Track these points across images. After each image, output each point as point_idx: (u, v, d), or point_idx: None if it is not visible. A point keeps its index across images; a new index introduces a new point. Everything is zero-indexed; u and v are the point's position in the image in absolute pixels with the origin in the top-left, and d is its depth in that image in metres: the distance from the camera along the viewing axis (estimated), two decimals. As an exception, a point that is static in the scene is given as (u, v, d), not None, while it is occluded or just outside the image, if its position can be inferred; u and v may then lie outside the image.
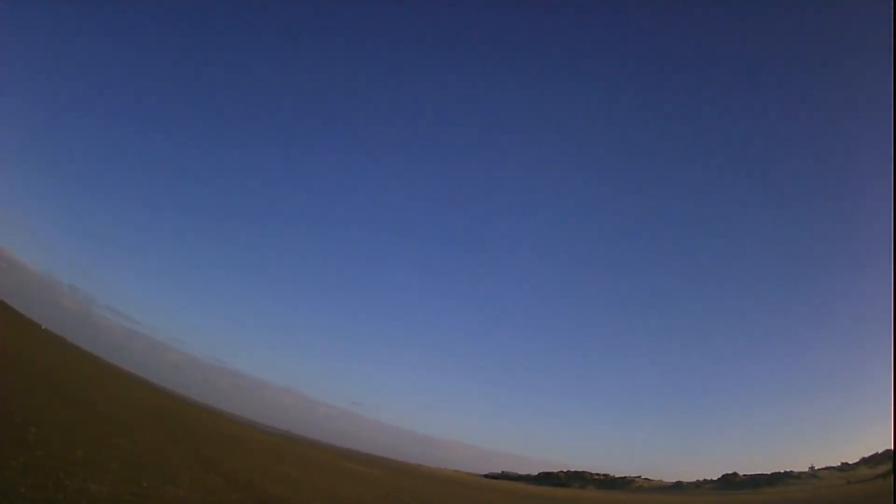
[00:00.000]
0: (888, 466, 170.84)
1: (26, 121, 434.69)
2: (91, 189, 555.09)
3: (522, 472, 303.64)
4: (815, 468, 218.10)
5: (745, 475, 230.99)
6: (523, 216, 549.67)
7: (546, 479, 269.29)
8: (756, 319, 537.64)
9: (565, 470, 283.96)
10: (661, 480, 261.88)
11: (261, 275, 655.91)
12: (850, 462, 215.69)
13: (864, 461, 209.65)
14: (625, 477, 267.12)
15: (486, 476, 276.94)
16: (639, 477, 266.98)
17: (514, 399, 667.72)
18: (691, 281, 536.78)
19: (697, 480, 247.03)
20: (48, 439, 18.69)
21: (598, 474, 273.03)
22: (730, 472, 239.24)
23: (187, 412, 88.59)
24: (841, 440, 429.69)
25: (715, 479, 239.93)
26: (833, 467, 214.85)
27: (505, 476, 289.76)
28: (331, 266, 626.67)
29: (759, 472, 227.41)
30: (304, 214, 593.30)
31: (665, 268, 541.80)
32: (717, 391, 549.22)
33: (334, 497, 29.99)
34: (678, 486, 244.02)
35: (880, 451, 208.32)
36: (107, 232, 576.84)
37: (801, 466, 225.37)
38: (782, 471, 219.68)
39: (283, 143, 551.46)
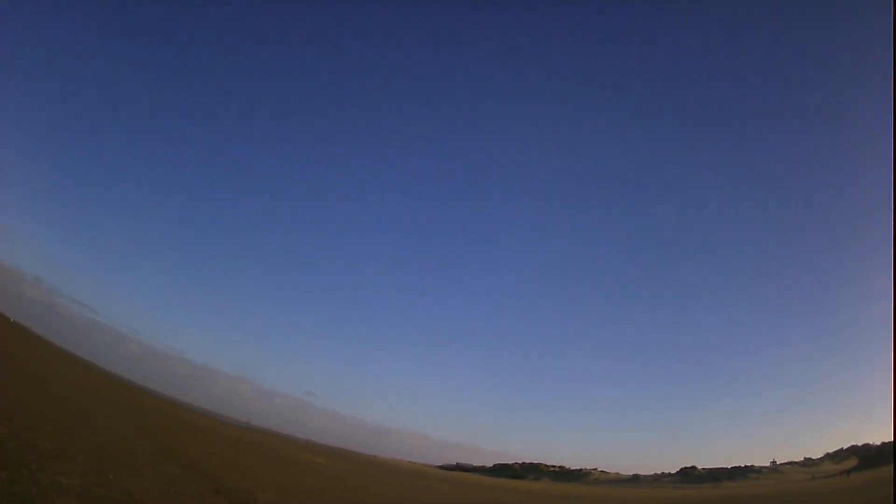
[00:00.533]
0: (854, 462, 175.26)
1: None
2: (57, 180, 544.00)
3: (477, 463, 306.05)
4: (778, 463, 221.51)
5: (704, 469, 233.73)
6: (477, 202, 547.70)
7: (501, 470, 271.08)
8: (716, 313, 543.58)
9: (521, 462, 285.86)
10: (617, 473, 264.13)
11: (217, 264, 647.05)
12: (814, 457, 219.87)
13: (829, 456, 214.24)
14: (581, 469, 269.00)
15: (441, 467, 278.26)
16: (595, 469, 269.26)
17: (470, 390, 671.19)
18: (659, 273, 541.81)
19: (655, 473, 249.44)
20: (19, 432, 19.66)
21: (553, 466, 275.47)
22: (688, 465, 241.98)
23: (147, 402, 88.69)
24: (802, 435, 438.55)
25: (673, 472, 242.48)
26: (796, 462, 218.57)
27: (459, 467, 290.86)
28: (285, 254, 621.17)
29: (719, 466, 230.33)
30: (263, 202, 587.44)
31: (634, 256, 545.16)
32: (675, 384, 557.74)
33: (289, 487, 31.09)
34: (635, 479, 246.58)
35: (845, 447, 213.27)
36: (67, 221, 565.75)
37: (763, 461, 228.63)
38: (743, 465, 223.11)
39: (251, 122, 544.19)
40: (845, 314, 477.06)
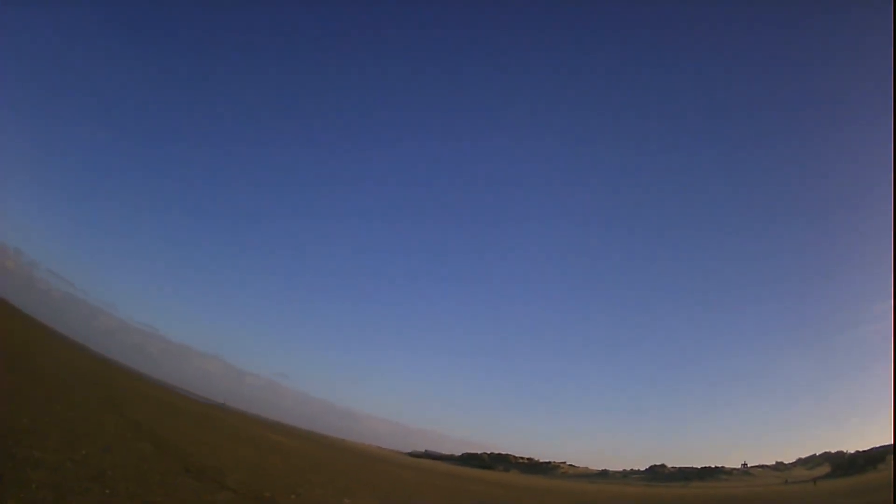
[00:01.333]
0: (826, 469, 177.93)
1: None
2: (40, 156, 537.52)
3: (446, 451, 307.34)
4: (749, 465, 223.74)
5: (673, 467, 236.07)
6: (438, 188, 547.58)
7: (469, 460, 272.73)
8: (694, 314, 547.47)
9: (489, 452, 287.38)
10: (586, 468, 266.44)
11: (195, 241, 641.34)
12: (786, 462, 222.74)
13: (801, 462, 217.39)
14: (549, 462, 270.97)
15: (409, 454, 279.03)
16: (563, 463, 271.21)
17: (441, 377, 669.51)
18: (641, 269, 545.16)
19: (624, 470, 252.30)
20: (-5, 405, 20.32)
21: (522, 458, 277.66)
22: (658, 463, 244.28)
23: (119, 378, 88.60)
24: (775, 440, 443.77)
25: (642, 469, 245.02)
26: (767, 466, 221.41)
27: (428, 455, 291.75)
28: (266, 236, 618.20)
29: (689, 466, 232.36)
30: (247, 187, 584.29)
31: (620, 252, 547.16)
32: (646, 381, 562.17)
33: (258, 467, 31.68)
34: (604, 474, 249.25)
35: (818, 454, 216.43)
36: (47, 193, 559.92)
37: (734, 463, 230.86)
38: (713, 465, 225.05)
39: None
40: (826, 322, 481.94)
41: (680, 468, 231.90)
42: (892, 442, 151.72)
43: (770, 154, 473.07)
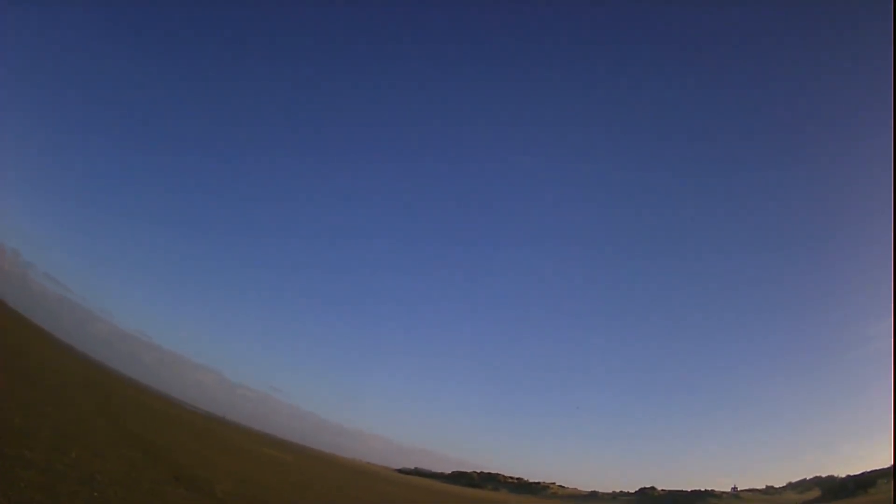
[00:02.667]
0: (817, 493, 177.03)
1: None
2: (44, 161, 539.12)
3: (436, 469, 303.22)
4: (738, 489, 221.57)
5: (663, 490, 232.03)
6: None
7: (459, 478, 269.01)
8: (686, 334, 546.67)
9: (479, 471, 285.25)
10: (576, 489, 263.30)
11: (193, 251, 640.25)
12: (776, 486, 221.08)
13: (792, 486, 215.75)
14: (539, 482, 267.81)
15: (399, 470, 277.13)
16: (553, 483, 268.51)
17: (432, 395, 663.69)
18: (638, 288, 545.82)
19: (614, 492, 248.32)
20: (-13, 405, 20.20)
21: (511, 478, 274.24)
22: (647, 485, 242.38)
23: (112, 384, 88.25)
24: (764, 463, 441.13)
25: (632, 491, 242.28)
26: (757, 489, 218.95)
27: (418, 472, 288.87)
28: (265, 250, 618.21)
29: (679, 489, 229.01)
30: (249, 199, 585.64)
31: (603, 269, 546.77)
32: (637, 403, 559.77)
33: (246, 479, 31.61)
34: (594, 495, 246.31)
35: (809, 478, 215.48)
36: (47, 196, 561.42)
37: (724, 486, 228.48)
38: (703, 489, 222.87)
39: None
40: (817, 348, 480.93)
41: (669, 491, 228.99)
42: (893, 463, 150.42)
43: (770, 168, 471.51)
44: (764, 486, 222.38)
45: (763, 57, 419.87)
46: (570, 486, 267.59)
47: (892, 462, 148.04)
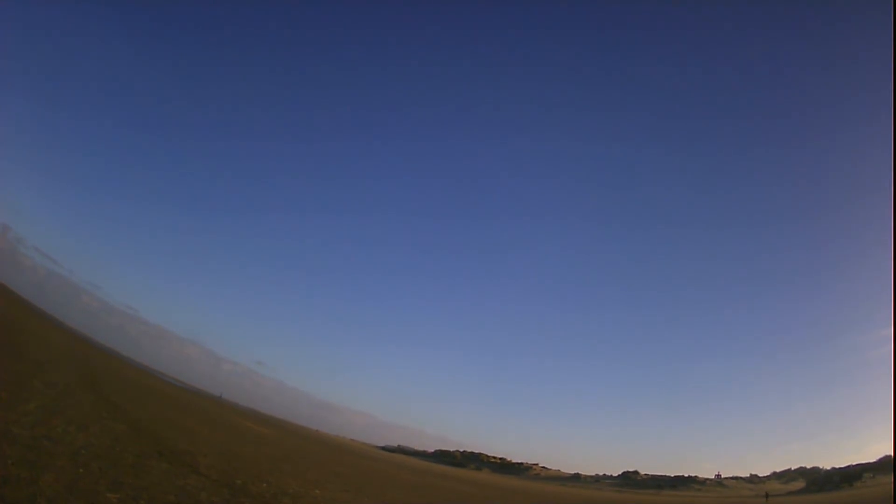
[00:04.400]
0: (801, 483, 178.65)
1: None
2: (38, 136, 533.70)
3: (419, 447, 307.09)
4: (722, 476, 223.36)
5: (646, 475, 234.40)
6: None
7: (442, 457, 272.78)
8: (675, 317, 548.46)
9: (462, 450, 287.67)
10: (559, 470, 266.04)
11: (180, 226, 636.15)
12: (761, 475, 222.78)
13: (776, 475, 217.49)
14: (522, 463, 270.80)
15: (383, 448, 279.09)
16: (536, 465, 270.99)
17: (417, 373, 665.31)
18: (634, 274, 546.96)
19: (596, 474, 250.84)
20: (-27, 379, 20.55)
21: (494, 457, 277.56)
22: (631, 469, 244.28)
23: (99, 358, 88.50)
24: (749, 451, 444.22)
25: (615, 475, 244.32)
26: (741, 478, 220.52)
27: (401, 450, 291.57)
28: (254, 225, 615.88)
29: (662, 474, 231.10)
30: (244, 177, 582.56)
31: (595, 252, 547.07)
32: (621, 386, 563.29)
33: (230, 453, 31.97)
34: (576, 477, 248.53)
35: (793, 468, 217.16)
36: (39, 171, 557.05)
37: (706, 473, 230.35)
38: (686, 475, 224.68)
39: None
40: (807, 336, 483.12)
41: (653, 475, 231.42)
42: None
43: (774, 160, 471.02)
44: (748, 475, 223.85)
45: (766, 52, 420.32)
46: (553, 468, 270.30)
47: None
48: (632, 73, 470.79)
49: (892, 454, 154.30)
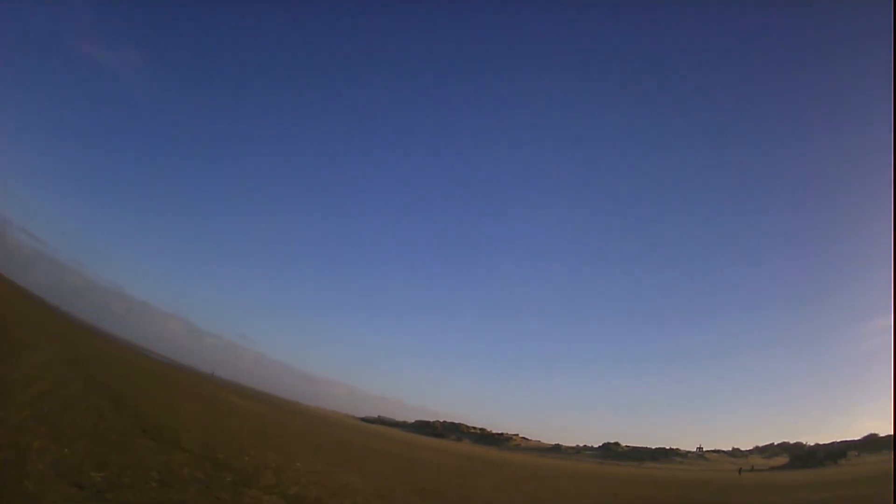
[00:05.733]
0: (785, 459, 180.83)
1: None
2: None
3: (399, 418, 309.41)
4: (704, 450, 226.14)
5: (627, 446, 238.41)
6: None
7: (422, 427, 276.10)
8: (658, 287, 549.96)
9: (442, 420, 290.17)
10: (539, 441, 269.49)
11: (163, 201, 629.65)
12: (742, 449, 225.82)
13: (759, 450, 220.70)
14: (502, 434, 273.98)
15: (363, 419, 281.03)
16: (516, 435, 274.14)
17: (397, 343, 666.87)
18: (613, 241, 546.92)
19: (577, 445, 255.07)
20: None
21: (474, 428, 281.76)
22: (612, 440, 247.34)
23: (83, 336, 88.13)
24: (731, 425, 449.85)
25: (595, 446, 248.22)
26: (723, 451, 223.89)
27: (381, 421, 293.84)
28: (233, 199, 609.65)
29: (643, 446, 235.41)
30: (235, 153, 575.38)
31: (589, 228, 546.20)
32: (602, 357, 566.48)
33: (213, 428, 32.71)
34: (556, 448, 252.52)
35: (776, 443, 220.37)
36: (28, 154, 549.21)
37: (688, 445, 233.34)
38: (667, 447, 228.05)
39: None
40: (790, 315, 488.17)
41: (634, 447, 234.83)
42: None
43: (775, 159, 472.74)
44: (730, 448, 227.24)
45: (764, 51, 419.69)
46: (533, 439, 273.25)
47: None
48: (629, 75, 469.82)
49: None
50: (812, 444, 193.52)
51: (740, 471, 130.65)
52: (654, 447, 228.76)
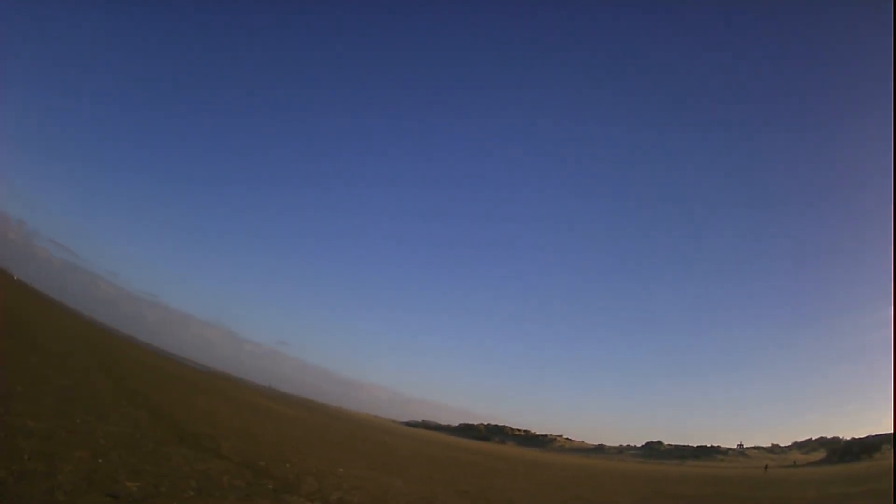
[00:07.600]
0: (822, 454, 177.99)
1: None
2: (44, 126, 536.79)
3: (443, 421, 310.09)
4: (744, 446, 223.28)
5: (669, 445, 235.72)
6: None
7: (466, 430, 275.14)
8: (694, 290, 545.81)
9: (486, 423, 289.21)
10: (583, 442, 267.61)
11: (199, 210, 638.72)
12: (782, 445, 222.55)
13: (797, 445, 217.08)
14: (546, 435, 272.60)
15: (407, 423, 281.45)
16: (560, 436, 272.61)
17: (441, 347, 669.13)
18: (657, 247, 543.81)
19: (620, 445, 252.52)
20: (-10, 373, 20.45)
21: (518, 430, 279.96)
22: (654, 440, 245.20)
23: (116, 345, 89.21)
24: (771, 421, 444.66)
25: (639, 445, 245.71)
26: (763, 447, 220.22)
27: (425, 425, 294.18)
28: (269, 204, 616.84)
29: (685, 444, 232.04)
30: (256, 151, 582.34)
31: (613, 230, 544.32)
32: (645, 357, 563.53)
33: (250, 434, 32.14)
34: (600, 449, 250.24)
35: (814, 438, 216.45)
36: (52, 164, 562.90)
37: (729, 443, 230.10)
38: (709, 445, 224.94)
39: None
40: (825, 310, 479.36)
41: (676, 445, 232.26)
42: (893, 431, 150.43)
43: (780, 147, 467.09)
44: (770, 445, 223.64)
45: (763, 47, 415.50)
46: (577, 440, 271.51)
47: (893, 429, 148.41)
48: (627, 72, 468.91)
49: (893, 431, 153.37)
50: (848, 438, 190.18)
51: (766, 468, 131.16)
52: (695, 445, 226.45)
